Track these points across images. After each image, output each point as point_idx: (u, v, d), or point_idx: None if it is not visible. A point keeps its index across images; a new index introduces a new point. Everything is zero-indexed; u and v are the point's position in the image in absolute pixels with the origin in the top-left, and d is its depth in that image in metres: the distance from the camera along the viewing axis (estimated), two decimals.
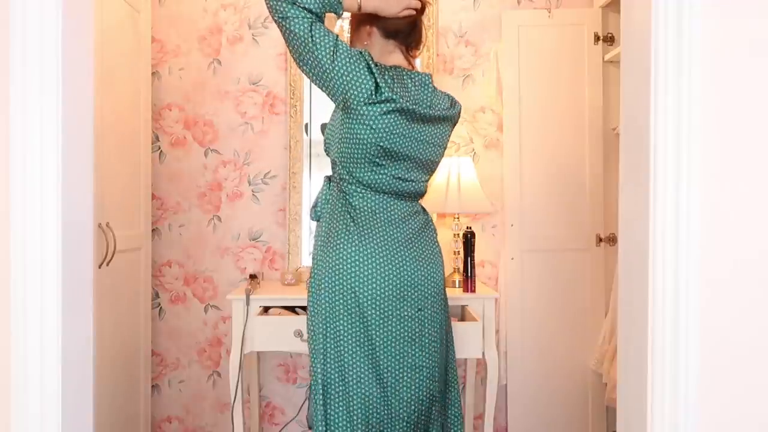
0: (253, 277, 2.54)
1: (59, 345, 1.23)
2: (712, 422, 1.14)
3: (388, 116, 1.52)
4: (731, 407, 1.15)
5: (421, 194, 1.70)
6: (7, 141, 1.22)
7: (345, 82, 1.49)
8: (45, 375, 1.23)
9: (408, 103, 1.53)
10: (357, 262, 1.55)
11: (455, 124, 1.74)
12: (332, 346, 1.56)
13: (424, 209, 1.74)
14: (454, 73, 2.75)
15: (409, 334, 1.58)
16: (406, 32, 1.65)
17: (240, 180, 2.73)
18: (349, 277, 1.55)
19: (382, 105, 1.51)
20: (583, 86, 2.67)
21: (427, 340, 1.61)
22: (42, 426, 1.23)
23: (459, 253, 2.43)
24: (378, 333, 1.55)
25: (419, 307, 1.59)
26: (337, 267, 1.56)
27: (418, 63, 2.67)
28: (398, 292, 1.56)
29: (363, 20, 1.66)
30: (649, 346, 1.17)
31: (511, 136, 2.67)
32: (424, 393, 1.60)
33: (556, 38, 2.67)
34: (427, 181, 1.70)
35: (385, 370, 1.56)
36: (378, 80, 1.50)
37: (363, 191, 1.59)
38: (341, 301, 1.55)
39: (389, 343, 1.56)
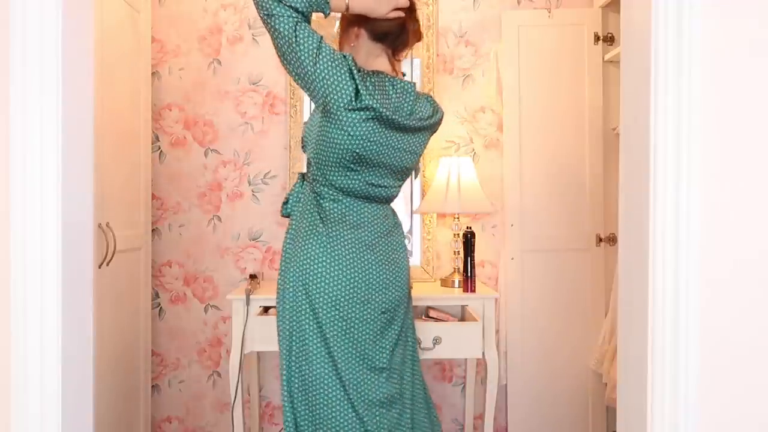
0: (253, 277, 2.54)
1: (59, 345, 1.23)
2: (712, 422, 1.14)
3: (367, 124, 1.51)
4: (731, 407, 1.15)
5: (391, 198, 1.71)
6: (7, 141, 1.22)
7: (326, 86, 1.48)
8: (45, 375, 1.23)
9: (387, 111, 1.52)
10: (323, 263, 1.55)
11: (435, 131, 1.73)
12: (297, 345, 1.56)
13: (393, 212, 1.74)
14: (454, 73, 2.75)
15: (371, 336, 1.58)
16: (395, 35, 1.63)
17: (240, 180, 2.73)
18: (314, 277, 1.55)
19: (362, 112, 1.49)
20: (583, 86, 2.67)
21: (387, 343, 1.61)
22: (42, 426, 1.23)
23: (459, 253, 2.43)
24: (339, 334, 1.55)
25: (382, 309, 1.60)
26: (304, 267, 1.56)
27: (418, 63, 2.68)
28: (363, 294, 1.57)
29: (352, 21, 1.65)
30: (649, 346, 1.17)
31: (511, 136, 2.67)
32: (385, 394, 1.60)
33: (556, 38, 2.67)
34: (399, 186, 1.70)
35: (345, 372, 1.55)
36: (359, 86, 1.48)
37: (334, 194, 1.60)
38: (306, 300, 1.55)
39: (350, 344, 1.56)
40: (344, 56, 1.50)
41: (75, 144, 1.29)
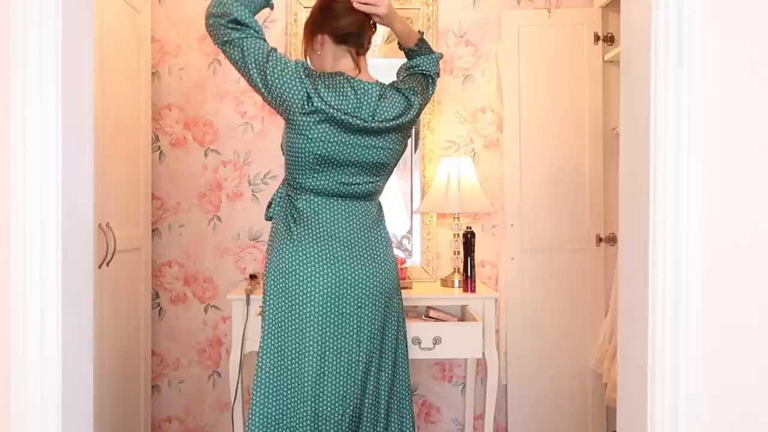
0: (253, 277, 2.54)
1: (59, 345, 1.23)
2: (712, 422, 1.14)
3: (321, 126, 1.55)
4: (731, 407, 1.15)
5: (372, 194, 1.71)
6: (7, 141, 1.22)
7: (280, 94, 1.53)
8: (45, 375, 1.23)
9: (339, 113, 1.54)
10: (296, 262, 1.60)
11: (410, 128, 1.73)
12: (273, 343, 1.61)
13: (378, 206, 1.75)
14: (454, 73, 2.75)
15: (348, 331, 1.62)
16: (356, 34, 1.67)
17: (240, 180, 2.73)
18: (289, 276, 1.60)
19: (314, 115, 1.54)
20: (583, 86, 2.67)
21: (365, 337, 1.64)
22: (42, 426, 1.23)
23: (459, 253, 2.43)
24: (317, 330, 1.59)
25: (359, 305, 1.62)
26: (279, 268, 1.61)
27: None
28: (338, 290, 1.60)
29: (314, 30, 1.69)
30: (649, 346, 1.17)
31: (511, 136, 2.67)
32: (359, 386, 1.63)
33: (556, 38, 2.67)
34: (377, 182, 1.70)
35: (325, 366, 1.59)
36: (309, 90, 1.52)
37: (307, 195, 1.64)
38: (283, 300, 1.60)
39: (328, 339, 1.60)
40: (296, 62, 1.55)
41: (75, 144, 1.29)
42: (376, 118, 1.61)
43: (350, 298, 1.61)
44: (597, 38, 2.66)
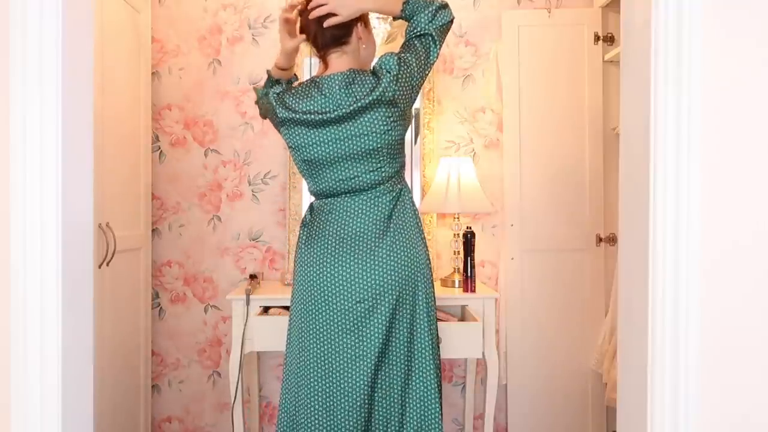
0: (253, 277, 2.54)
1: (59, 345, 1.23)
2: (712, 422, 1.14)
3: (293, 130, 1.65)
4: (731, 407, 1.15)
5: (380, 182, 1.66)
6: (7, 141, 1.22)
7: (270, 119, 1.73)
8: (45, 375, 1.23)
9: (301, 115, 1.62)
10: (306, 263, 1.68)
11: (389, 101, 1.59)
12: (290, 341, 1.72)
13: (397, 191, 1.68)
14: (454, 73, 2.75)
15: (346, 326, 1.64)
16: (310, 34, 1.69)
17: (240, 180, 2.73)
18: (302, 275, 1.69)
19: (284, 126, 1.66)
20: (583, 86, 2.67)
21: (367, 331, 1.64)
22: (42, 426, 1.23)
23: (459, 253, 2.43)
24: (319, 326, 1.65)
25: (357, 299, 1.63)
26: (297, 268, 1.72)
27: None
28: (335, 287, 1.64)
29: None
30: (649, 346, 1.17)
31: (511, 136, 2.67)
32: (365, 381, 1.64)
33: (556, 38, 2.67)
34: (380, 169, 1.64)
35: (329, 362, 1.65)
36: (275, 107, 1.65)
37: (318, 199, 1.73)
38: (298, 297, 1.69)
39: (329, 335, 1.65)
40: (269, 93, 1.70)
41: (75, 144, 1.29)
42: (342, 106, 1.60)
43: (346, 294, 1.63)
44: (597, 38, 2.66)
